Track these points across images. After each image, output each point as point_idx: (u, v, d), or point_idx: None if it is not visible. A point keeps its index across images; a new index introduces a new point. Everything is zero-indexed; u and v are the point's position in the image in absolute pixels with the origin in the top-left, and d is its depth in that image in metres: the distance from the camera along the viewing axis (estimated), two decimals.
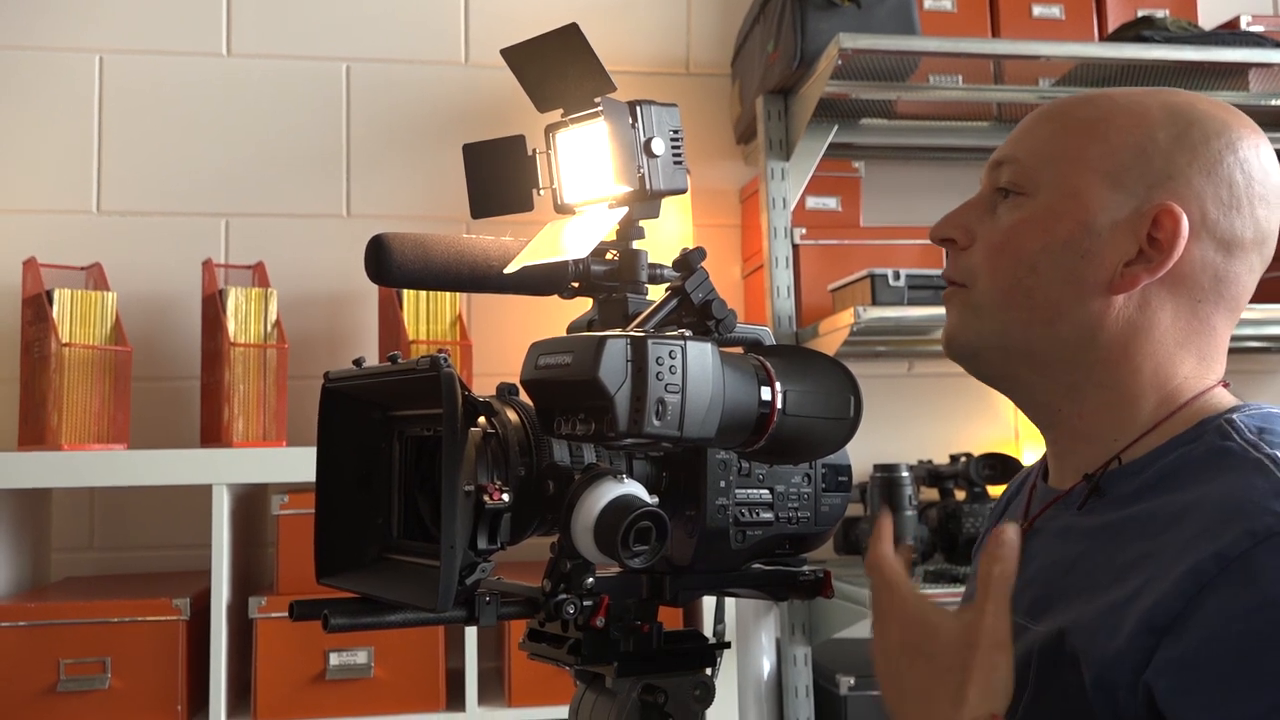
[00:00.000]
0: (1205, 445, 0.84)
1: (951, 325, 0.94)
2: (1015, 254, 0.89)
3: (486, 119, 2.38)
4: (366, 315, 2.31)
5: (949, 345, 0.95)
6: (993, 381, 0.94)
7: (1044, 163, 0.89)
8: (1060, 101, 0.93)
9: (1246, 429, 0.83)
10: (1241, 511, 0.75)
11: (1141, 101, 0.89)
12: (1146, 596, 0.76)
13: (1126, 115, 0.88)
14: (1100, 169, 0.87)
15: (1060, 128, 0.90)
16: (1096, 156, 0.88)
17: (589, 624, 0.81)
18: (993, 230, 0.91)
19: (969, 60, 2.23)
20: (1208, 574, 0.73)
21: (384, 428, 0.86)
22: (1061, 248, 0.87)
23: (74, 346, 1.96)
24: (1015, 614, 0.87)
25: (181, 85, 2.35)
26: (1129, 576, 0.79)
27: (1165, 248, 0.85)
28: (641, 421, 0.71)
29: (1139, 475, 0.86)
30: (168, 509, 2.19)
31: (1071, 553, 0.87)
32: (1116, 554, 0.82)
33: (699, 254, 0.83)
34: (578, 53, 0.81)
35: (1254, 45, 2.20)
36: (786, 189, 2.27)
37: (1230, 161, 0.87)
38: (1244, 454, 0.81)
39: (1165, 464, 0.85)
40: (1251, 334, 2.40)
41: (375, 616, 0.78)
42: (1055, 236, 0.88)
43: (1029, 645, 0.83)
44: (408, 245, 0.85)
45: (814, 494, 0.90)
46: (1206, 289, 0.88)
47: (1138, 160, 0.87)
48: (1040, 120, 0.92)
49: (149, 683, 1.83)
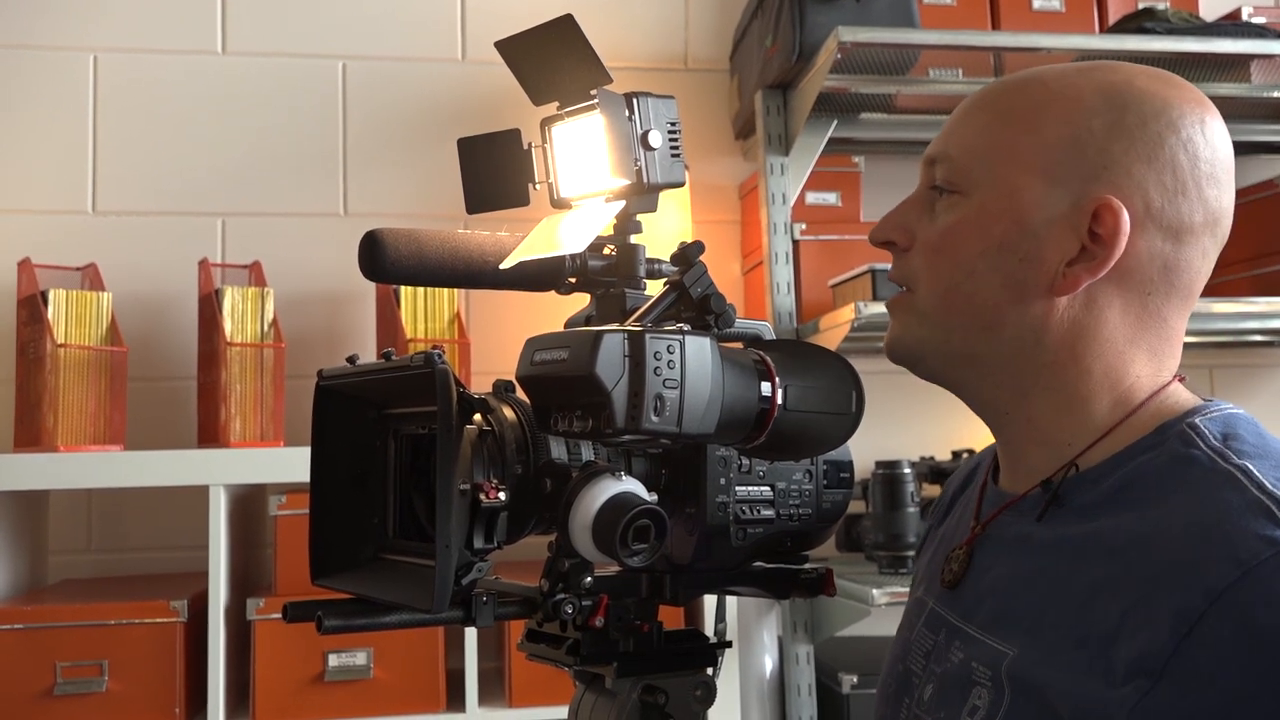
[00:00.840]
0: (1168, 453, 0.80)
1: (894, 331, 0.91)
2: (952, 257, 0.85)
3: (484, 116, 2.36)
4: (364, 314, 2.30)
5: (891, 351, 0.91)
6: (940, 384, 0.91)
7: (976, 159, 0.85)
8: (992, 89, 0.88)
9: (1211, 435, 0.79)
10: (1222, 536, 0.71)
11: (1075, 85, 0.84)
12: (1131, 634, 0.72)
13: (1060, 102, 0.84)
14: (1034, 164, 0.83)
15: (992, 119, 0.86)
16: (1029, 150, 0.83)
17: (588, 624, 0.80)
18: (930, 231, 0.87)
19: (969, 53, 2.22)
20: (1196, 610, 0.69)
21: (379, 426, 0.85)
22: (998, 250, 0.83)
23: (69, 347, 1.95)
24: (971, 626, 0.84)
25: (177, 84, 2.34)
26: (1097, 603, 0.75)
27: (1107, 244, 0.81)
28: (639, 417, 0.70)
29: (1098, 484, 0.82)
30: (165, 510, 2.18)
31: (1029, 566, 0.83)
32: (1080, 575, 0.78)
33: (697, 248, 0.82)
34: (573, 44, 0.80)
35: (1256, 36, 2.19)
36: (786, 184, 2.25)
37: (1172, 143, 0.82)
38: (1211, 465, 0.77)
39: (1126, 473, 0.81)
40: (1255, 328, 2.39)
41: (370, 618, 0.77)
42: (991, 239, 0.83)
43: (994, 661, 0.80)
44: (402, 241, 0.84)
45: (815, 491, 0.89)
46: (1156, 281, 0.83)
47: (1072, 152, 0.82)
48: (972, 112, 0.88)
49: (147, 685, 1.82)
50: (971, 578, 0.88)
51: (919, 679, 0.88)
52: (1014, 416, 0.87)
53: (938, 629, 0.89)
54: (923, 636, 0.90)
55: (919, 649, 0.90)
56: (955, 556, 0.90)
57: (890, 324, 0.92)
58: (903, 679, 0.91)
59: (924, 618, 0.92)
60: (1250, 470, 0.75)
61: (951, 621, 0.87)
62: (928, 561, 1.00)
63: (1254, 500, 0.72)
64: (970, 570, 0.88)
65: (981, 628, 0.84)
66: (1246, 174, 2.60)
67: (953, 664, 0.84)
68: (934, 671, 0.87)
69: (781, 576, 0.90)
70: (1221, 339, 2.50)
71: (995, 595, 0.84)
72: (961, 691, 0.81)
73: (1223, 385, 2.60)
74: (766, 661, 2.21)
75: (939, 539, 1.01)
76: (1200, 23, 2.27)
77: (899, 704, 0.90)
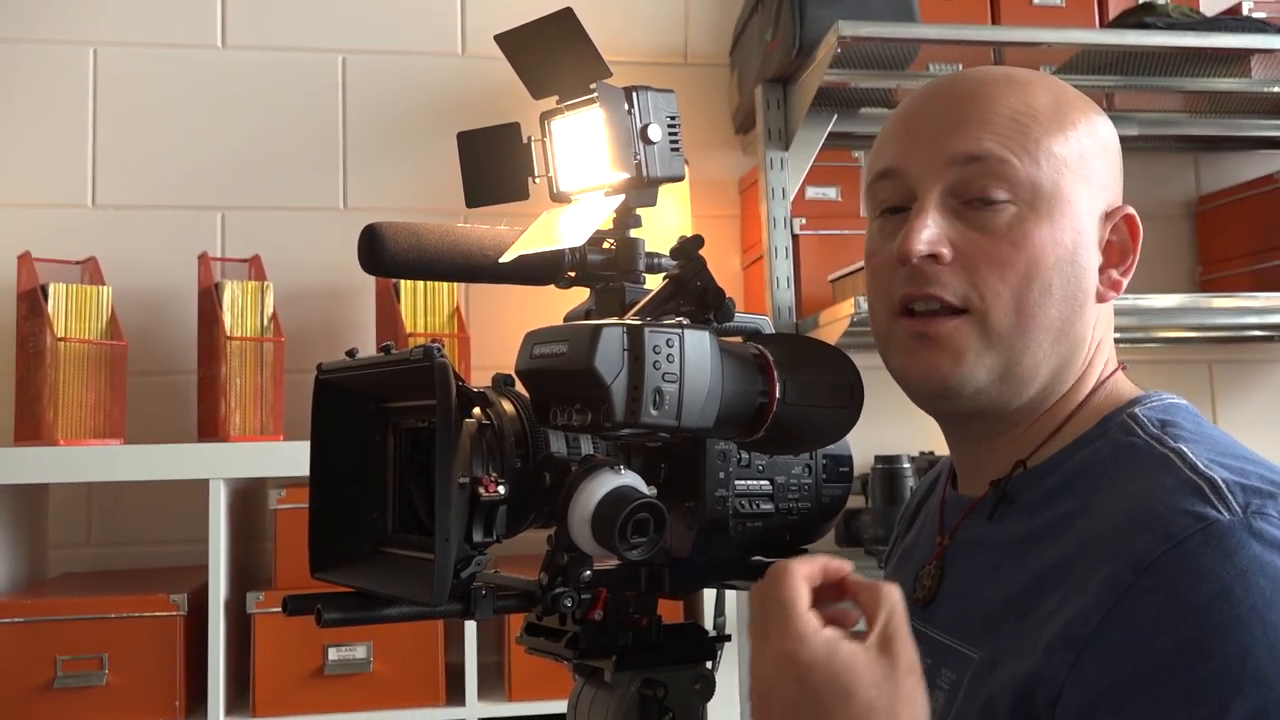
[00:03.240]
0: (1110, 443, 0.82)
1: (948, 365, 0.82)
2: (1028, 271, 0.81)
3: (484, 110, 2.35)
4: (364, 308, 2.30)
5: (947, 384, 0.83)
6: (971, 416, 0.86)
7: (1030, 164, 0.82)
8: (995, 80, 0.85)
9: (1150, 423, 0.81)
10: (1153, 514, 0.72)
11: (1068, 91, 0.87)
12: (1064, 609, 0.73)
13: (1073, 108, 0.85)
14: (1077, 171, 0.83)
15: (1031, 118, 0.83)
16: (1073, 158, 0.83)
17: (587, 617, 0.80)
18: (987, 243, 0.81)
19: (969, 48, 2.21)
20: (1124, 583, 0.70)
21: (378, 419, 0.85)
22: (1069, 262, 0.82)
23: (69, 341, 1.95)
24: (932, 629, 0.86)
25: (176, 78, 2.33)
26: (1044, 589, 0.76)
27: (1126, 250, 0.86)
28: (638, 411, 0.70)
29: (1045, 480, 0.83)
30: (165, 504, 2.18)
31: (985, 566, 0.84)
32: (1029, 566, 0.79)
33: (697, 241, 0.82)
34: (572, 38, 0.80)
35: (1256, 31, 2.19)
36: (786, 179, 2.25)
37: (1119, 157, 0.89)
38: (1149, 449, 0.79)
39: (1071, 466, 0.82)
40: (1254, 323, 2.38)
41: (369, 611, 0.77)
42: (1063, 250, 0.82)
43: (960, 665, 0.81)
44: (401, 234, 0.84)
45: (815, 485, 0.89)
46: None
47: (1102, 161, 0.85)
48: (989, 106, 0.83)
49: (147, 679, 1.82)
50: (941, 589, 0.89)
51: None
52: (1020, 426, 0.87)
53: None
54: None
55: None
56: (927, 573, 0.90)
57: (928, 354, 0.83)
58: None
59: None
60: (1184, 453, 0.77)
61: (917, 628, 0.87)
62: (894, 570, 1.01)
63: (1186, 480, 0.74)
64: (942, 584, 0.89)
65: (945, 632, 0.85)
66: (1246, 169, 2.60)
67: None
68: None
69: None
70: (1221, 334, 2.50)
71: (955, 599, 0.86)
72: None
73: (1222, 380, 2.60)
74: None
75: (902, 552, 1.02)
76: (1200, 17, 2.26)
77: None
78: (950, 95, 0.86)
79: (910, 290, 0.84)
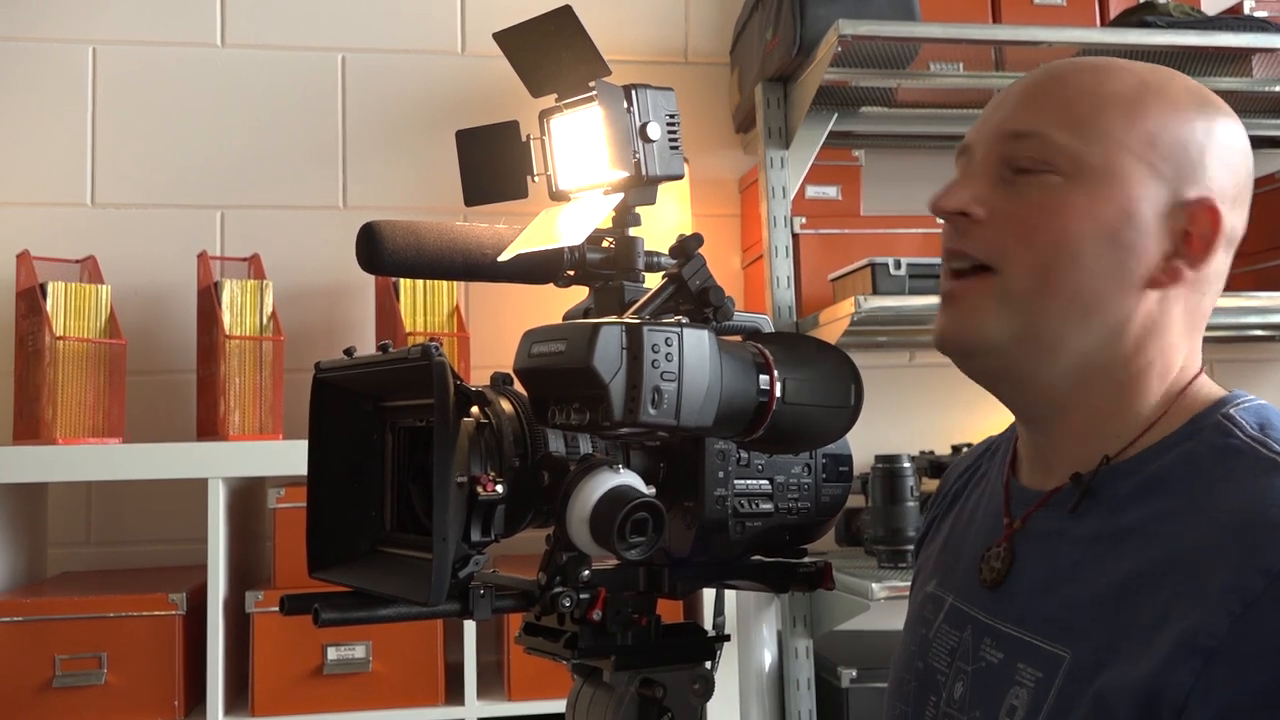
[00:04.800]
0: (1207, 444, 0.81)
1: (964, 319, 0.85)
2: (1055, 237, 0.82)
3: (484, 109, 2.35)
4: (363, 307, 2.30)
5: (961, 342, 0.85)
6: (993, 378, 0.87)
7: (1079, 140, 0.83)
8: (1076, 67, 0.86)
9: (1248, 425, 0.81)
10: (1274, 520, 0.72)
11: (1170, 84, 0.85)
12: (1180, 614, 0.72)
13: (1157, 96, 0.84)
14: (1142, 155, 0.83)
15: (1095, 104, 0.84)
16: (1134, 140, 0.83)
17: (585, 617, 0.80)
18: (1021, 207, 0.83)
19: (970, 47, 2.21)
20: (1253, 591, 0.69)
21: (376, 418, 0.85)
22: (1108, 237, 0.82)
23: (68, 340, 1.94)
24: (1003, 622, 0.84)
25: (176, 76, 2.33)
26: (1142, 590, 0.75)
27: (1201, 243, 0.83)
28: (637, 410, 0.69)
29: (1133, 476, 0.82)
30: (164, 503, 2.18)
31: (1065, 562, 0.83)
32: (1121, 565, 0.78)
33: (696, 240, 0.82)
34: (571, 36, 0.80)
35: (1258, 30, 2.18)
36: (786, 178, 2.25)
37: (1239, 157, 0.86)
38: (1254, 453, 0.78)
39: (1163, 465, 0.81)
40: (1256, 322, 2.38)
41: (367, 611, 0.77)
42: (1101, 224, 0.82)
43: (1047, 664, 0.79)
44: (399, 233, 0.83)
45: (814, 484, 0.89)
46: (1213, 283, 0.86)
47: (1176, 149, 0.83)
48: (1054, 90, 0.85)
49: (145, 678, 1.82)
50: (1010, 576, 0.87)
51: (945, 676, 0.88)
52: (1068, 410, 0.86)
53: (962, 626, 0.88)
54: (945, 633, 0.90)
55: (942, 646, 0.90)
56: (995, 555, 0.88)
57: (952, 312, 0.86)
58: (924, 676, 0.91)
59: (944, 614, 0.91)
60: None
61: (980, 619, 0.87)
62: (937, 554, 0.99)
63: None
64: (1012, 568, 0.87)
65: (1020, 625, 0.83)
66: None
67: (988, 663, 0.84)
68: (963, 670, 0.86)
69: (780, 570, 0.90)
70: (1222, 333, 2.49)
71: (1032, 593, 0.84)
72: (999, 692, 0.81)
73: (1223, 380, 2.57)
74: (765, 655, 2.21)
75: (946, 531, 1.00)
76: (1202, 16, 2.26)
77: (924, 702, 0.90)
78: (1028, 80, 0.88)
79: (949, 245, 0.87)
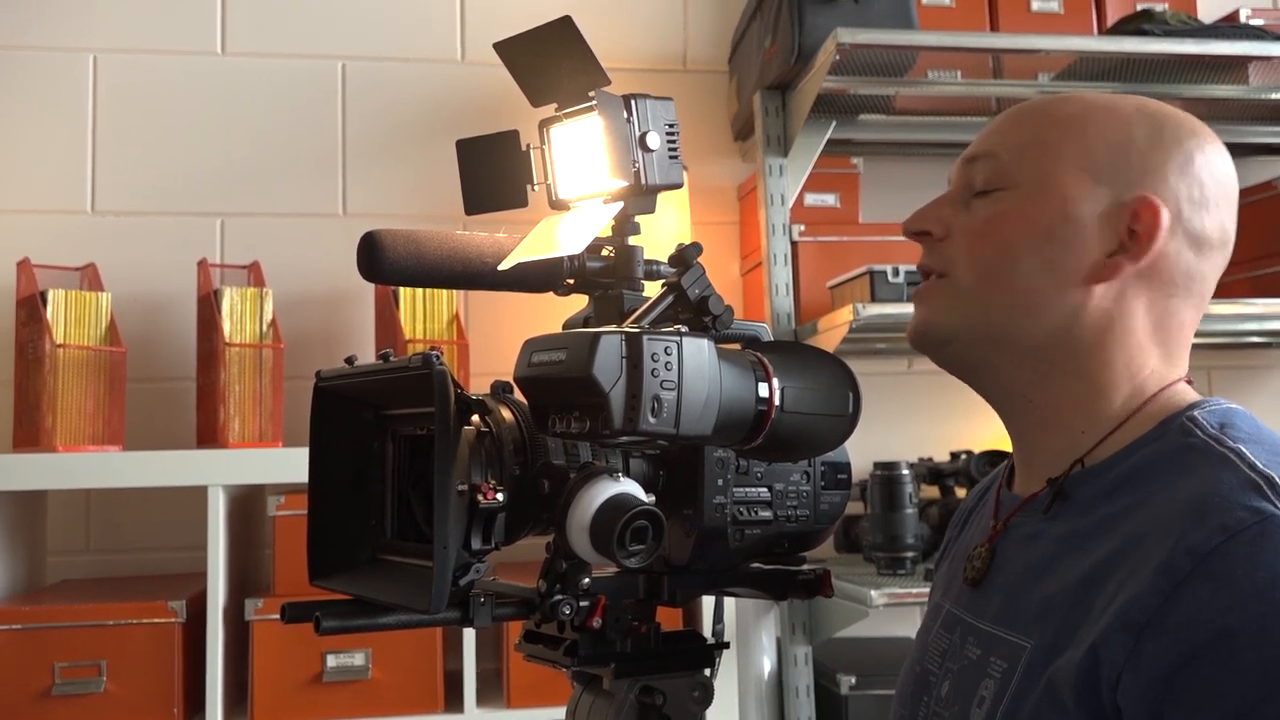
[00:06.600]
0: (1169, 444, 0.85)
1: (922, 315, 0.94)
2: (996, 242, 0.89)
3: (484, 117, 2.36)
4: (363, 315, 2.30)
5: (923, 334, 0.94)
6: (962, 369, 0.94)
7: (1022, 158, 0.90)
8: (1035, 101, 0.95)
9: (1209, 425, 0.84)
10: (1211, 506, 0.75)
11: (1116, 102, 0.92)
12: (1121, 594, 0.76)
13: (1104, 113, 0.90)
14: (1080, 163, 0.89)
15: (1037, 123, 0.91)
16: (1076, 152, 0.89)
17: (585, 625, 0.80)
18: (972, 222, 0.91)
19: (968, 55, 2.22)
20: (1181, 570, 0.73)
21: (377, 427, 0.85)
22: (1044, 237, 0.88)
23: (68, 347, 1.95)
24: (982, 621, 0.89)
25: (176, 84, 2.34)
26: (1101, 579, 0.79)
27: (1145, 239, 0.87)
28: (636, 419, 0.70)
29: (1103, 478, 0.86)
30: (163, 511, 2.18)
31: (1039, 559, 0.87)
32: (1086, 559, 0.82)
33: (695, 249, 0.82)
34: (571, 46, 0.80)
35: (1254, 38, 2.19)
36: (785, 185, 2.25)
37: (1199, 162, 0.89)
38: (1208, 449, 0.82)
39: (1129, 465, 0.85)
40: (1253, 329, 2.39)
41: (368, 619, 0.77)
42: (1037, 226, 0.89)
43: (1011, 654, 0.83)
44: (400, 242, 0.84)
45: (813, 492, 0.89)
46: (1179, 284, 0.89)
47: (1116, 155, 0.88)
48: (1016, 117, 0.93)
49: (145, 686, 1.82)
50: (990, 575, 0.92)
51: (936, 677, 0.92)
52: (1033, 403, 0.91)
53: (953, 629, 0.93)
54: (940, 638, 0.95)
55: (936, 649, 0.94)
56: (977, 554, 0.93)
57: (917, 311, 0.94)
58: (920, 679, 0.95)
59: (940, 620, 0.96)
60: (1243, 452, 0.80)
61: (966, 620, 0.91)
62: (947, 569, 1.04)
63: (1245, 477, 0.77)
64: (991, 567, 0.92)
65: (995, 622, 0.87)
66: (1245, 176, 2.58)
67: (969, 660, 0.88)
68: (950, 669, 0.91)
69: (779, 577, 0.90)
70: (1220, 340, 2.50)
71: (1008, 590, 0.88)
72: (974, 685, 0.85)
73: (1221, 386, 2.60)
74: (765, 662, 2.21)
75: (956, 548, 1.05)
76: (1198, 24, 2.27)
77: (917, 703, 0.94)
78: (999, 115, 0.96)
79: (920, 261, 0.96)
